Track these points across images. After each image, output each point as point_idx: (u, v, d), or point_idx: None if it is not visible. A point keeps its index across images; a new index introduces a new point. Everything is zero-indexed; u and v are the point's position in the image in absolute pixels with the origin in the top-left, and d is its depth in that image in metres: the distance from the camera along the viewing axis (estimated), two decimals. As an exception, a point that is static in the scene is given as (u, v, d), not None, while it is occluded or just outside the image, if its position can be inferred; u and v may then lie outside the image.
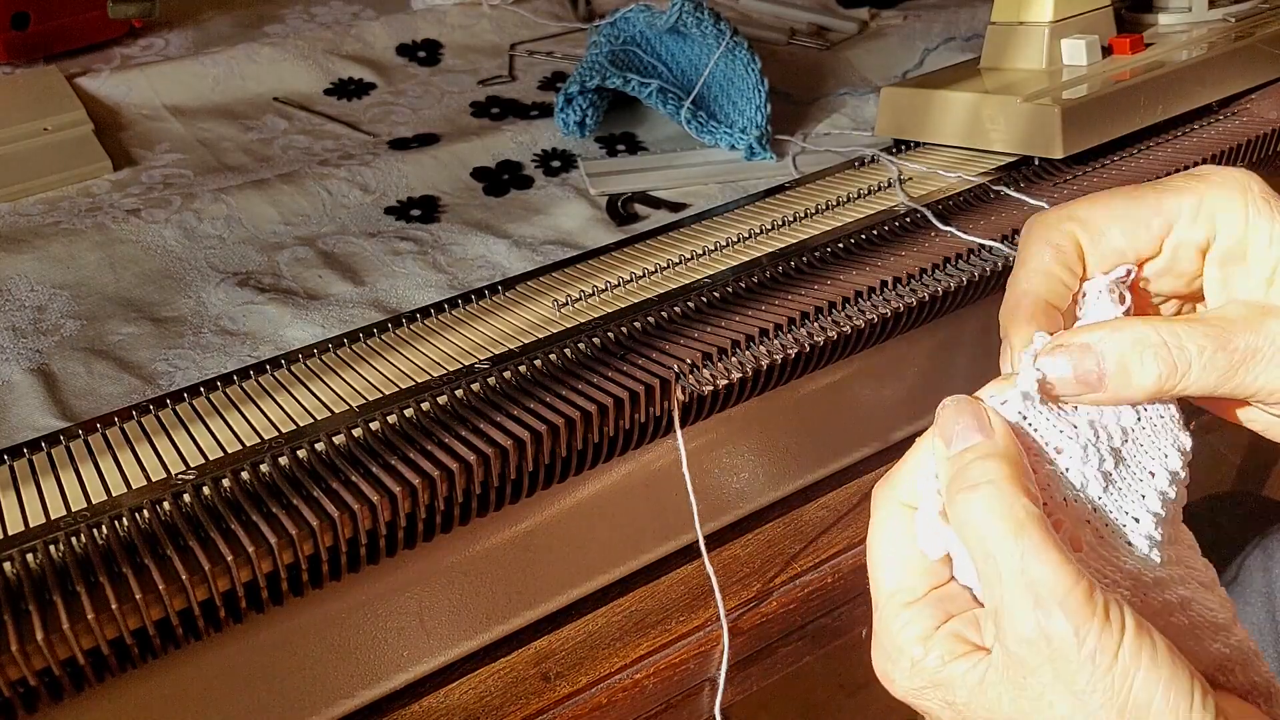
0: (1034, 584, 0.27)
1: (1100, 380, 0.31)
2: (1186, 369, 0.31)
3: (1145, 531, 0.31)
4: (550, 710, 0.47)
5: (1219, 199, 0.33)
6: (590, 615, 0.49)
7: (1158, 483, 0.32)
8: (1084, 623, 0.27)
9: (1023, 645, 0.28)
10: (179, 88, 0.77)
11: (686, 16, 0.68)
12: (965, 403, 0.31)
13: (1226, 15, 0.71)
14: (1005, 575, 0.28)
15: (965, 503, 0.29)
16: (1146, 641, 0.27)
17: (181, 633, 0.36)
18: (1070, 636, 0.27)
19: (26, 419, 0.46)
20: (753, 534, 0.53)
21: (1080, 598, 0.27)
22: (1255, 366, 0.31)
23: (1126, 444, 0.32)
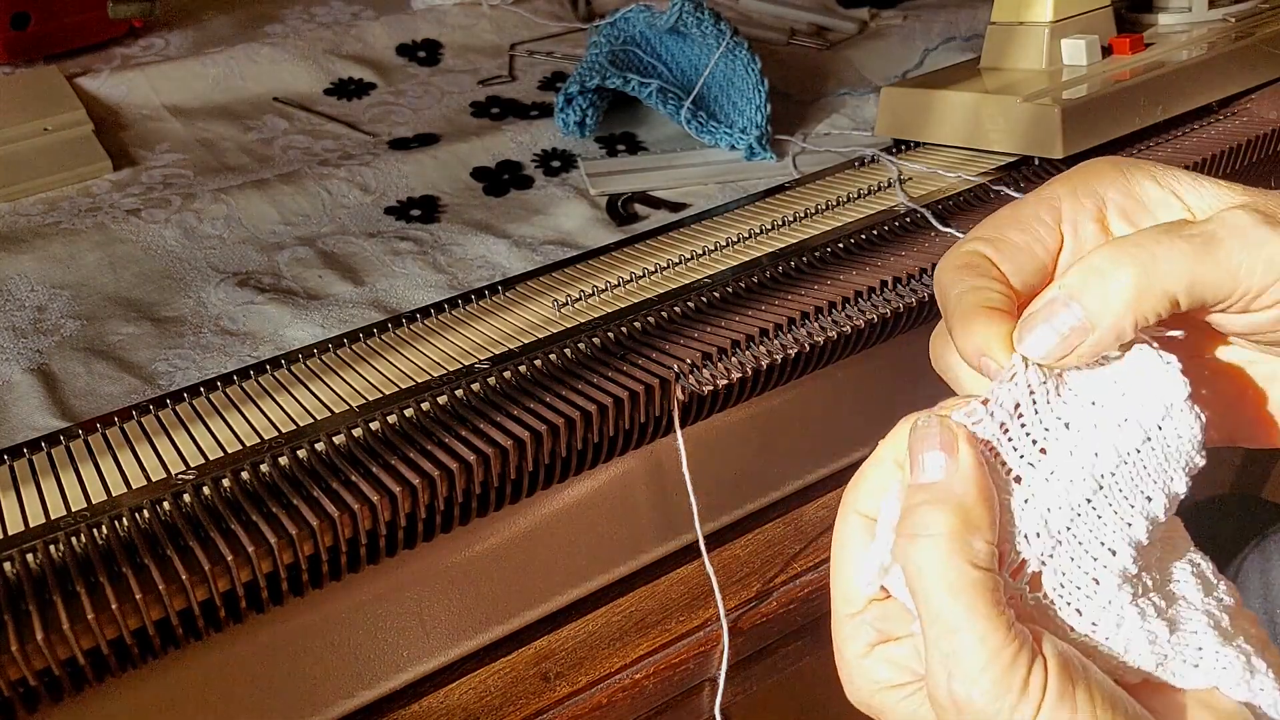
0: (952, 654, 0.27)
1: (1085, 320, 0.30)
2: (1152, 260, 0.29)
3: (1120, 565, 0.30)
4: (550, 710, 0.47)
5: (1087, 173, 0.33)
6: (590, 615, 0.49)
7: (1153, 508, 0.30)
8: (996, 699, 0.26)
9: (937, 708, 0.28)
10: (179, 88, 0.77)
11: (686, 16, 0.68)
12: (935, 428, 0.30)
13: (1226, 15, 0.71)
14: (929, 633, 0.28)
15: (907, 551, 0.28)
16: (1065, 709, 0.26)
17: (181, 633, 0.36)
18: (979, 713, 0.27)
19: (26, 419, 0.46)
20: (753, 534, 0.53)
21: (999, 670, 0.26)
22: (1221, 245, 0.29)
23: (1123, 466, 0.30)
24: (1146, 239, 0.30)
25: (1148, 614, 0.30)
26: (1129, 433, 0.30)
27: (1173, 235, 0.29)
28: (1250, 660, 0.29)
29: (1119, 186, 0.32)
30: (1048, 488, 0.30)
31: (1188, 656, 0.29)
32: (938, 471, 0.29)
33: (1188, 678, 0.29)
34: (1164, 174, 0.32)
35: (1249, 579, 0.63)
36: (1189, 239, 0.29)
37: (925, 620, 0.28)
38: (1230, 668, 0.29)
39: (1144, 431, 0.30)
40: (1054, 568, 0.29)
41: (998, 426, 0.30)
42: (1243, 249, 0.29)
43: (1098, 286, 0.29)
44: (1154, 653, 0.29)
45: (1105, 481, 0.30)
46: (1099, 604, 0.29)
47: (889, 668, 0.30)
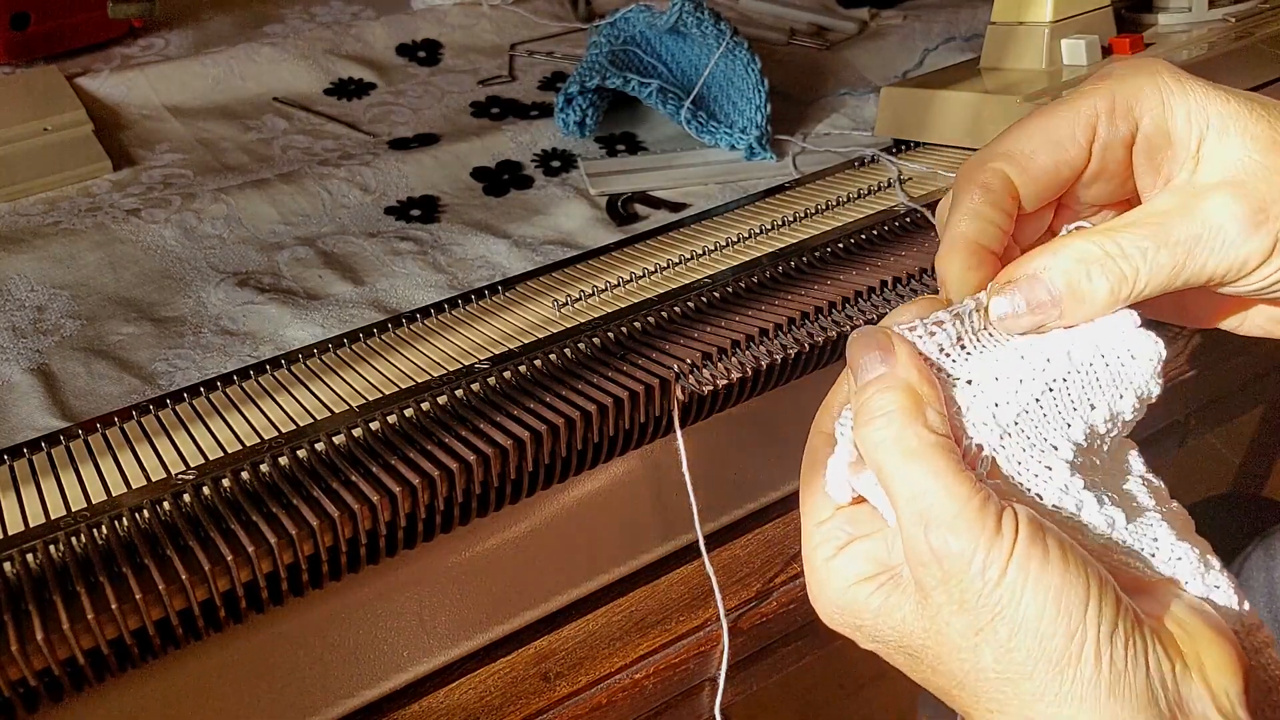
0: (925, 509, 0.28)
1: (1055, 305, 0.32)
2: (1135, 274, 0.31)
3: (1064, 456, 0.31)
4: (550, 710, 0.47)
5: (1130, 90, 0.33)
6: (590, 615, 0.49)
7: (1095, 416, 0.32)
8: (971, 540, 0.27)
9: (918, 568, 0.29)
10: (179, 88, 0.77)
11: (686, 16, 0.68)
12: (871, 333, 0.32)
13: (1226, 15, 0.71)
14: (900, 502, 0.29)
15: (865, 436, 0.30)
16: (1038, 550, 0.27)
17: (181, 633, 0.36)
18: (958, 556, 0.28)
19: (26, 419, 0.46)
20: (753, 534, 0.53)
21: (971, 515, 0.28)
22: (1201, 253, 0.31)
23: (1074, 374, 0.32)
24: (1132, 248, 0.31)
25: (1104, 501, 0.31)
26: (1083, 347, 0.32)
27: (1157, 247, 0.31)
28: (1205, 557, 0.31)
29: (1155, 113, 0.32)
30: (995, 385, 0.31)
31: (1144, 545, 0.31)
32: (879, 367, 0.31)
33: (1145, 567, 0.30)
34: (1198, 109, 0.32)
35: (1253, 577, 0.63)
36: (1172, 251, 0.31)
37: (894, 493, 0.29)
38: (1185, 559, 0.30)
39: (1098, 350, 0.32)
40: (1006, 456, 0.31)
41: (935, 348, 0.32)
42: (1221, 252, 0.31)
43: (1077, 287, 0.31)
44: (1113, 536, 0.30)
45: (1055, 385, 0.32)
46: (1056, 486, 0.31)
47: (859, 561, 0.31)
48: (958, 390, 0.32)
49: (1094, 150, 0.33)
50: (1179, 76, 0.33)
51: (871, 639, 0.31)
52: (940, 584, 0.28)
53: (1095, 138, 0.33)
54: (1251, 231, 0.30)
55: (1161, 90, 0.32)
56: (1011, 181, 0.33)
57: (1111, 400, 0.32)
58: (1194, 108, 0.32)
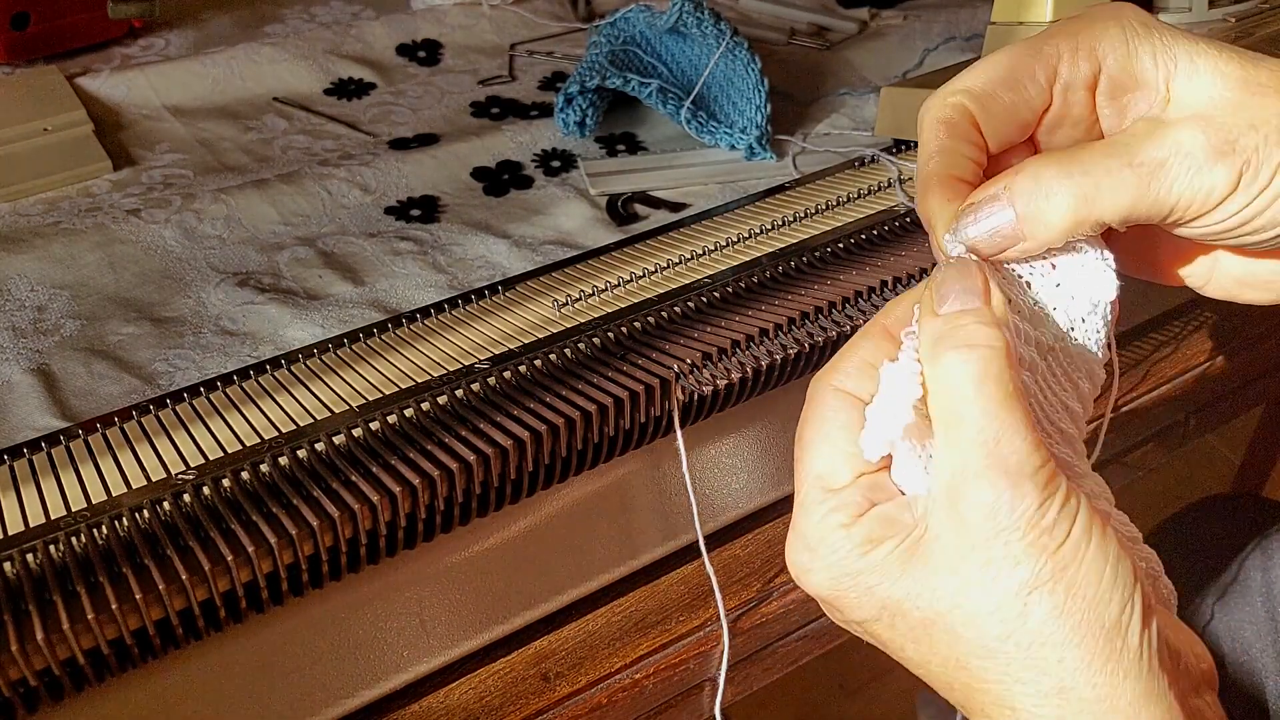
0: (1007, 456, 0.28)
1: (1018, 227, 0.31)
2: (1095, 191, 0.30)
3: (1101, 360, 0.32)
4: (550, 710, 0.47)
5: (1095, 32, 0.32)
6: (590, 615, 0.49)
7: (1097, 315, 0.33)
8: (1048, 498, 0.27)
9: (979, 512, 0.28)
10: (179, 88, 0.77)
11: (686, 16, 0.68)
12: (971, 266, 0.30)
13: (1226, 15, 0.71)
14: (977, 442, 0.28)
15: (955, 362, 0.29)
16: (1097, 526, 0.28)
17: (181, 633, 0.36)
18: (1034, 508, 0.27)
19: (26, 419, 0.46)
20: (753, 534, 0.53)
21: (1046, 477, 0.28)
22: (1166, 177, 0.30)
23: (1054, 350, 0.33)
24: (1095, 166, 0.30)
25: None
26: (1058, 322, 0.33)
27: (1121, 164, 0.30)
28: None
29: (1119, 54, 0.32)
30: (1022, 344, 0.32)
31: None
32: (976, 300, 0.30)
33: None
34: (1164, 48, 0.32)
35: (1250, 578, 0.63)
36: (1136, 171, 0.30)
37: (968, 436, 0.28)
38: None
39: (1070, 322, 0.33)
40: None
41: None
42: (1186, 181, 0.30)
43: (1038, 206, 0.31)
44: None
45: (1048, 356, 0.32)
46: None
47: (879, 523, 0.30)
48: None
49: (1055, 91, 0.33)
50: (1146, 21, 0.32)
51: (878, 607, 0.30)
52: (998, 533, 0.27)
53: (1056, 78, 0.32)
54: (1217, 158, 0.30)
55: (1126, 31, 0.32)
56: (972, 115, 0.33)
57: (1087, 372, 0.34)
58: (1160, 48, 0.32)
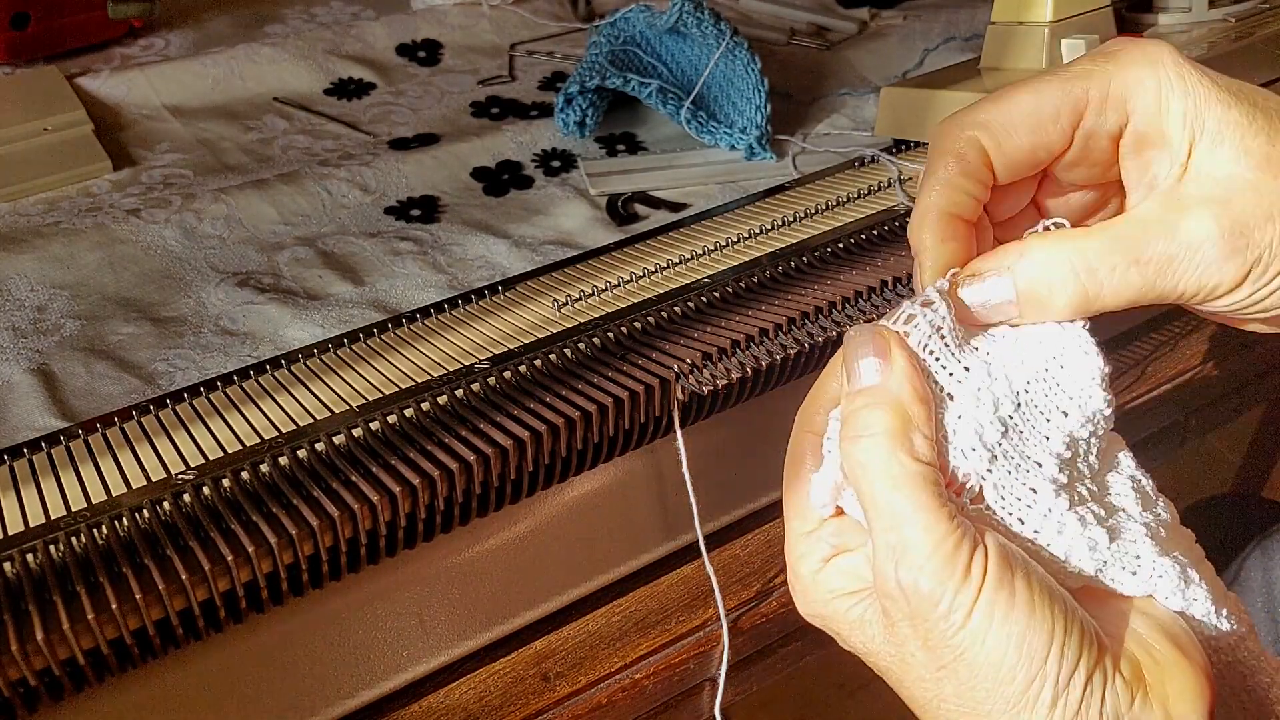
0: (898, 543, 0.28)
1: (1015, 307, 0.31)
2: (1099, 289, 0.30)
3: (1049, 475, 0.31)
4: (550, 710, 0.47)
5: (1129, 80, 0.31)
6: (590, 615, 0.49)
7: (1069, 423, 0.31)
8: (940, 583, 0.27)
9: (885, 600, 0.29)
10: (179, 88, 0.77)
11: (686, 16, 0.68)
12: (869, 334, 0.31)
13: (1226, 15, 0.71)
14: (875, 531, 0.29)
15: (849, 453, 0.29)
16: (1004, 594, 0.27)
17: (181, 633, 0.36)
18: (926, 597, 0.27)
19: (26, 419, 0.46)
20: (753, 534, 0.53)
21: (943, 556, 0.27)
22: (1172, 275, 0.30)
23: (1035, 383, 0.32)
24: (1102, 263, 0.30)
25: (1088, 521, 0.31)
26: (1040, 353, 0.32)
27: (1128, 264, 0.30)
28: (1185, 571, 0.31)
29: (1149, 110, 0.31)
30: (978, 404, 0.31)
31: (1126, 564, 0.31)
32: (874, 375, 0.30)
33: (1126, 584, 0.30)
34: (1195, 112, 0.31)
35: (1250, 578, 0.63)
36: (1143, 269, 0.30)
37: (871, 517, 0.29)
38: (1166, 576, 0.30)
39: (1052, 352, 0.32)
40: (993, 481, 0.31)
41: (919, 345, 0.31)
42: (1194, 276, 0.30)
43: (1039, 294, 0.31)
44: (1094, 559, 0.30)
45: (1022, 399, 0.31)
46: (1039, 512, 0.30)
47: (842, 577, 0.31)
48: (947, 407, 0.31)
49: (1076, 137, 0.32)
50: (1182, 69, 0.31)
51: (848, 645, 0.32)
52: (906, 619, 0.28)
53: (1080, 125, 0.32)
54: (1229, 255, 0.30)
55: (1161, 85, 0.31)
56: (986, 152, 0.32)
57: (1081, 402, 0.32)
58: (1191, 110, 0.30)
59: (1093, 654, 0.27)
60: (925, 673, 0.29)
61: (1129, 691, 0.27)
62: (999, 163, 0.32)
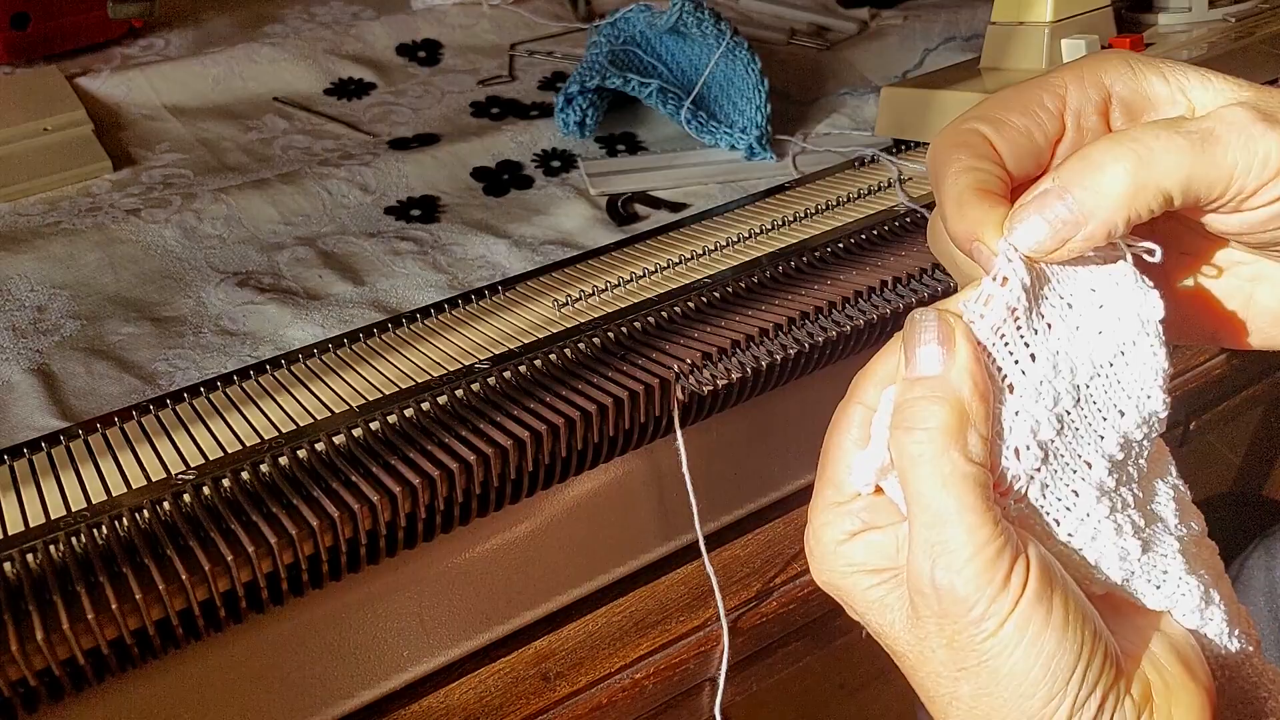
0: (939, 542, 0.27)
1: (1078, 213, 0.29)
2: (1150, 154, 0.29)
3: (1097, 478, 0.30)
4: (550, 710, 0.47)
5: (1096, 65, 0.32)
6: (590, 615, 0.49)
7: (1125, 423, 0.30)
8: (977, 589, 0.27)
9: (916, 595, 0.28)
10: (179, 88, 0.77)
11: (686, 16, 0.68)
12: (933, 319, 0.29)
13: (1226, 15, 0.71)
14: (916, 525, 0.28)
15: (900, 443, 0.29)
16: (1041, 610, 0.27)
17: (181, 633, 0.36)
18: (961, 600, 0.27)
19: (26, 419, 0.46)
20: (753, 534, 0.53)
21: (983, 562, 0.27)
22: (1218, 143, 0.29)
23: (1098, 379, 0.30)
24: (1144, 133, 0.29)
25: (1124, 530, 0.30)
26: (1104, 345, 0.30)
27: (1170, 131, 0.29)
28: (1207, 591, 0.30)
29: (1126, 80, 0.31)
30: (1038, 398, 0.29)
31: (1153, 577, 0.30)
32: (934, 365, 0.29)
33: (1149, 597, 0.30)
34: (1172, 70, 0.31)
35: (1253, 577, 0.63)
36: (1187, 135, 0.29)
37: (915, 510, 0.28)
38: (1189, 595, 0.30)
39: (1118, 346, 0.30)
40: (1040, 480, 0.30)
41: (990, 329, 0.29)
42: (1239, 146, 0.29)
43: (1092, 179, 0.29)
44: (1123, 569, 0.30)
45: (1083, 394, 0.30)
46: (1077, 516, 0.30)
47: (869, 552, 0.30)
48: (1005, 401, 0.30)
49: (1067, 119, 0.32)
50: (1147, 57, 0.32)
51: (861, 619, 0.31)
52: (934, 616, 0.28)
53: (1065, 105, 0.32)
54: (1266, 126, 0.29)
55: (1127, 60, 0.31)
56: (988, 139, 0.32)
57: (1140, 401, 0.31)
58: (1167, 70, 0.31)
59: (1111, 677, 0.27)
60: (944, 670, 0.28)
61: (1136, 713, 0.27)
62: (1002, 148, 0.32)
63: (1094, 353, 0.30)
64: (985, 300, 0.29)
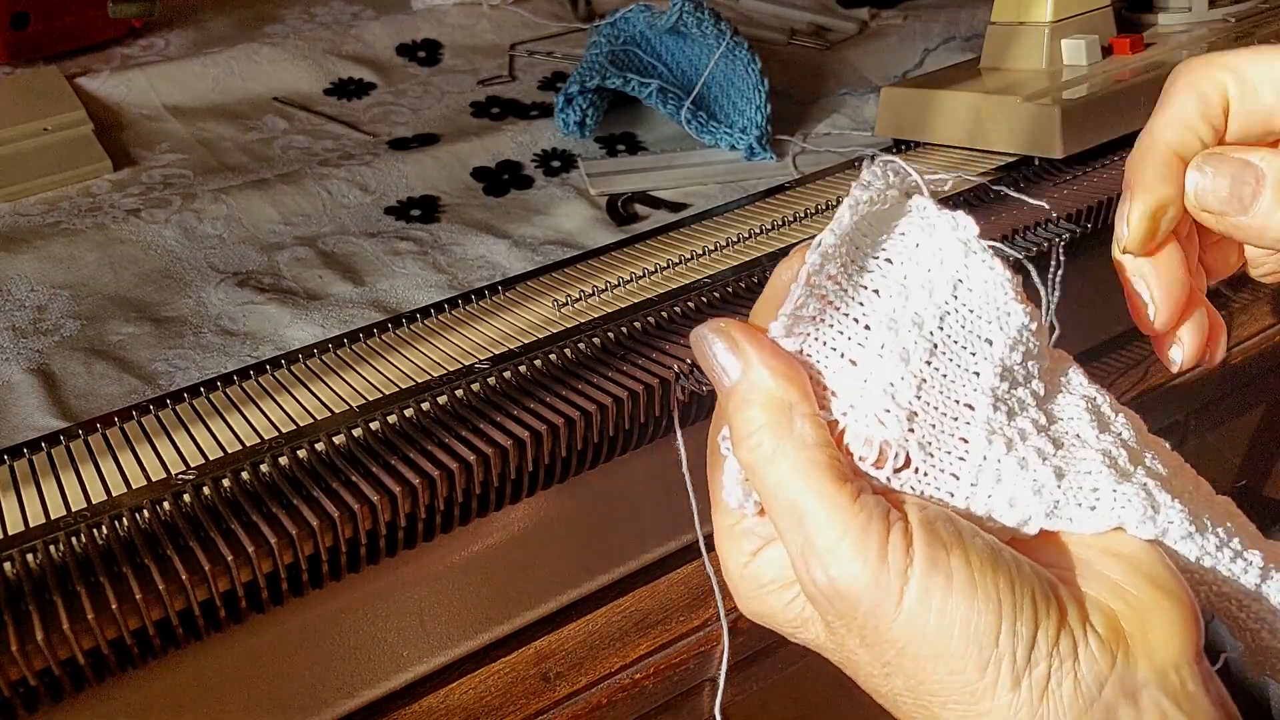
0: (806, 542, 0.26)
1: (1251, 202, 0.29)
2: None
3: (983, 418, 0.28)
4: (550, 710, 0.47)
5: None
6: (590, 615, 0.49)
7: (996, 351, 0.29)
8: (860, 577, 0.25)
9: (812, 602, 0.27)
10: (179, 88, 0.77)
11: (686, 16, 0.68)
12: (708, 331, 0.28)
13: (1226, 15, 0.71)
14: (783, 530, 0.27)
15: (739, 457, 0.28)
16: (939, 578, 0.25)
17: (181, 633, 0.36)
18: (848, 592, 0.25)
19: (26, 419, 0.46)
20: (753, 534, 0.53)
21: (851, 546, 0.25)
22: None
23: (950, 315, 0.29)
24: None
25: (1029, 463, 0.28)
26: (939, 283, 0.29)
27: None
28: (1152, 494, 0.28)
29: None
30: (883, 363, 0.28)
31: (1082, 500, 0.28)
32: (734, 372, 0.28)
33: (1086, 522, 0.28)
34: None
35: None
36: None
37: (776, 518, 0.27)
38: (1130, 505, 0.27)
39: (952, 277, 0.29)
40: (917, 441, 0.28)
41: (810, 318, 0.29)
42: None
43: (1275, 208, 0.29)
44: (1042, 502, 0.28)
45: (939, 338, 0.29)
46: (974, 463, 0.28)
47: (770, 567, 0.29)
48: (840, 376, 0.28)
49: None
50: None
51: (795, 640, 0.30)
52: (838, 618, 0.26)
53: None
54: None
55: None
56: (1229, 100, 0.30)
57: (1001, 322, 0.29)
58: None
59: (1053, 621, 0.25)
60: (873, 669, 0.27)
61: (1108, 653, 0.25)
62: (1236, 116, 0.30)
63: (934, 294, 0.29)
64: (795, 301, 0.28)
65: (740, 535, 0.30)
